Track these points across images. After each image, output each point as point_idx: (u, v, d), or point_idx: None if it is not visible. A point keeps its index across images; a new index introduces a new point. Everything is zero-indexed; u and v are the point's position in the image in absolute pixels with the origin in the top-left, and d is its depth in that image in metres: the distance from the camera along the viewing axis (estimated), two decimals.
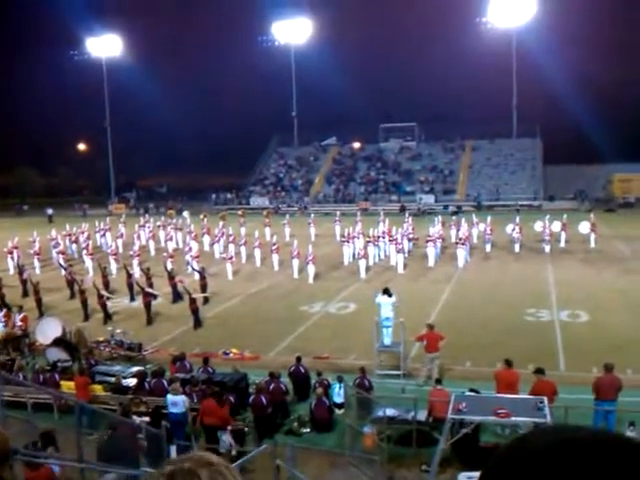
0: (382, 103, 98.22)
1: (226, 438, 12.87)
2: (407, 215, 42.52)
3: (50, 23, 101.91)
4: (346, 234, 35.01)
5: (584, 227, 37.80)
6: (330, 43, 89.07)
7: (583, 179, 69.45)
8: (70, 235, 40.35)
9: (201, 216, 46.48)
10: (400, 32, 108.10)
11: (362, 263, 30.50)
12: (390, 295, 17.73)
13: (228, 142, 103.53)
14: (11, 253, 34.49)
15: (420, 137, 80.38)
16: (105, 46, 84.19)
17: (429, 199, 68.19)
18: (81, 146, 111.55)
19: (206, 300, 25.52)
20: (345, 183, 75.56)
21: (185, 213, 50.73)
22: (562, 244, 36.86)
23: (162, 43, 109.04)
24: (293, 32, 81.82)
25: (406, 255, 33.44)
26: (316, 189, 75.59)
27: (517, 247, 35.75)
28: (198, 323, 22.47)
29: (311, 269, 29.51)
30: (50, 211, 66.84)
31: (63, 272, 30.19)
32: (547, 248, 35.29)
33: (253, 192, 76.79)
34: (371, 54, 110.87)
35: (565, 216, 38.36)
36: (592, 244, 36.51)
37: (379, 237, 34.96)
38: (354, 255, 33.45)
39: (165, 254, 32.54)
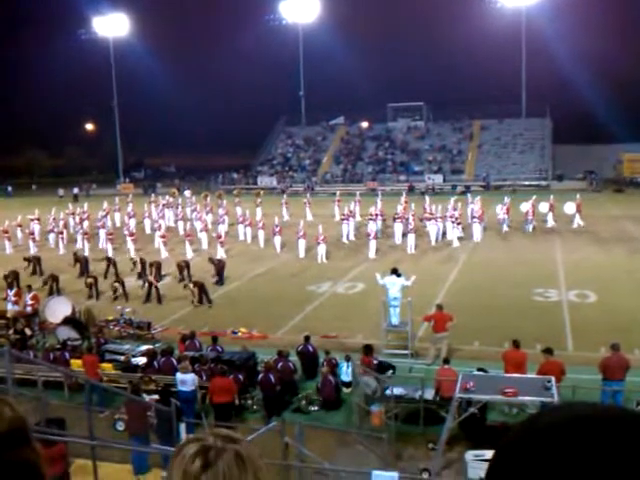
0: (390, 82, 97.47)
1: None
2: (404, 194, 42.58)
3: (57, 2, 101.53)
4: (345, 212, 35.64)
5: (569, 207, 37.92)
6: (338, 22, 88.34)
7: (593, 159, 68.80)
8: (73, 214, 40.20)
9: (202, 195, 46.20)
10: (409, 11, 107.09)
11: (372, 244, 30.44)
12: (399, 275, 17.73)
13: (236, 122, 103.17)
14: (6, 232, 34.53)
15: (428, 117, 79.62)
16: (112, 25, 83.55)
17: (437, 179, 67.86)
18: (89, 126, 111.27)
19: (221, 281, 25.72)
20: (353, 163, 75.23)
21: (187, 192, 50.39)
22: (549, 224, 36.85)
23: (169, 22, 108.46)
24: (301, 11, 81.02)
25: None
26: (324, 169, 75.29)
27: (505, 227, 36.00)
28: (208, 299, 22.62)
29: (322, 249, 29.52)
30: (76, 190, 67.27)
31: (61, 252, 31.17)
32: (529, 227, 35.90)
33: (260, 172, 76.61)
34: (379, 33, 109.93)
35: (552, 197, 38.42)
36: (578, 223, 36.53)
37: (377, 215, 35.37)
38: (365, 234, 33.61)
39: (160, 235, 33.15)
